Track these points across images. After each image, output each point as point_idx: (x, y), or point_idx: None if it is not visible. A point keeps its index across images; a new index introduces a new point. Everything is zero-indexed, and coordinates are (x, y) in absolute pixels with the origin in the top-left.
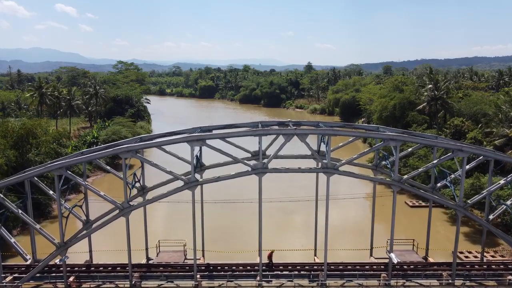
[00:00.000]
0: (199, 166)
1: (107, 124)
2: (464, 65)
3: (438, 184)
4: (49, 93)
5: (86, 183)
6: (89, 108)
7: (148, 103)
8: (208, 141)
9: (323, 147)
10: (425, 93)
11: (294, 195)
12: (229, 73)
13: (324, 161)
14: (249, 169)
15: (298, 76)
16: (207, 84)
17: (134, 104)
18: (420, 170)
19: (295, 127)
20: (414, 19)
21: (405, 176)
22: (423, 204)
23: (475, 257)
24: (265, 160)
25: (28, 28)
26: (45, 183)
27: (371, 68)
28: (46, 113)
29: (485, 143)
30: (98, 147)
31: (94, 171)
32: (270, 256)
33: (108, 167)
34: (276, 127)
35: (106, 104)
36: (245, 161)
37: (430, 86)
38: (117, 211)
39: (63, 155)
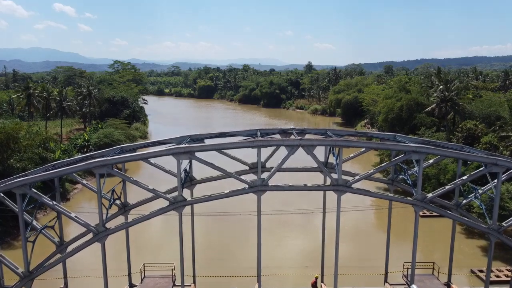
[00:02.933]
0: (188, 180)
1: (100, 126)
2: (464, 65)
3: (464, 201)
4: (37, 93)
5: (55, 204)
6: (83, 109)
7: (145, 103)
8: (198, 154)
9: (331, 158)
10: (434, 94)
11: (296, 205)
12: (228, 72)
13: (334, 176)
14: (246, 186)
15: (298, 76)
16: (206, 84)
17: (129, 105)
18: (447, 187)
19: (300, 138)
20: (413, 19)
21: (430, 195)
22: (434, 213)
23: (497, 276)
24: (265, 176)
25: (27, 28)
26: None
27: (371, 68)
28: (39, 114)
29: (501, 148)
30: (73, 158)
31: (85, 175)
32: (314, 285)
33: (83, 181)
34: (278, 136)
35: (101, 105)
36: (242, 177)
37: (441, 87)
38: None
39: (50, 161)
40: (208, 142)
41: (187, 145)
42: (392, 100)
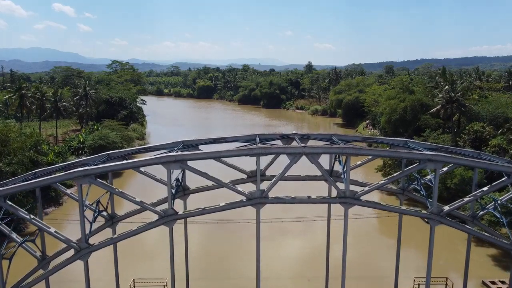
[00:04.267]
0: (181, 190)
1: (95, 127)
2: (464, 65)
3: (481, 212)
4: (29, 94)
5: (32, 218)
6: (80, 110)
7: (144, 104)
8: (190, 163)
9: (337, 166)
10: (440, 95)
11: (297, 211)
12: (228, 73)
13: (341, 186)
14: (244, 198)
15: (298, 76)
16: (205, 84)
17: (127, 106)
18: (466, 199)
19: (303, 145)
20: (413, 19)
21: (446, 207)
22: None
23: None
24: (265, 185)
25: (26, 28)
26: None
27: (371, 68)
28: (35, 115)
29: (511, 151)
30: (55, 166)
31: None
32: None
33: (66, 191)
34: (279, 142)
35: (98, 106)
36: (240, 187)
37: (447, 87)
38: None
39: (42, 164)
40: (203, 148)
41: (178, 153)
42: (396, 101)
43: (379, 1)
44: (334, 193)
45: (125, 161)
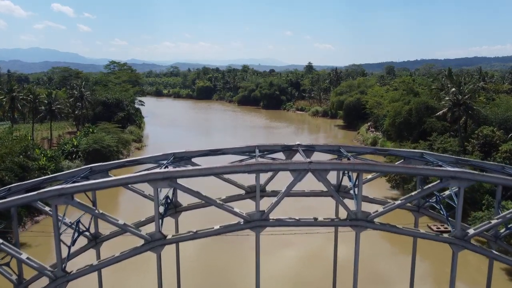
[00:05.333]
0: (172, 207)
1: (91, 130)
2: (465, 65)
3: (505, 231)
4: (21, 96)
5: (1, 242)
6: (76, 112)
7: (142, 105)
8: (180, 180)
9: (345, 180)
10: (446, 98)
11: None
12: (228, 73)
13: (350, 204)
14: (242, 221)
15: (298, 77)
16: (204, 84)
17: (124, 108)
18: (494, 222)
19: (309, 160)
20: (413, 19)
21: (471, 231)
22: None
23: None
24: (265, 202)
25: (25, 28)
26: None
27: (371, 68)
28: (29, 117)
29: None
30: (33, 180)
31: None
32: None
33: (45, 208)
34: (280, 153)
35: (94, 107)
36: (237, 203)
37: (454, 89)
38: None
39: (32, 170)
40: (196, 160)
41: (167, 169)
42: (400, 103)
43: (378, 2)
44: (342, 212)
45: (107, 179)
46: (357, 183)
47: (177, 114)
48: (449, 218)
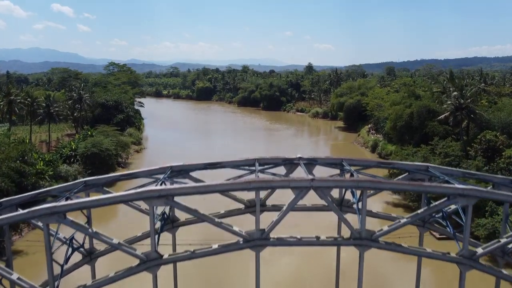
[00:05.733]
0: (169, 222)
1: (90, 133)
2: (464, 66)
3: (510, 246)
4: (19, 100)
5: None
6: (75, 114)
7: (142, 106)
8: (177, 198)
9: (348, 194)
10: (448, 101)
11: (301, 230)
12: (227, 74)
13: (353, 221)
14: (241, 240)
15: (298, 78)
16: (204, 85)
17: (123, 110)
18: (503, 241)
19: (311, 178)
20: (413, 19)
21: (480, 250)
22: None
23: None
24: (265, 217)
25: (25, 28)
26: None
27: (371, 68)
28: (27, 120)
29: None
30: (26, 194)
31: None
32: None
33: (39, 223)
34: (281, 167)
35: (93, 110)
36: (235, 228)
37: (456, 93)
38: None
39: (29, 175)
40: (194, 174)
41: (162, 186)
42: (401, 107)
43: (378, 2)
44: (345, 227)
45: (101, 197)
46: (361, 200)
47: (177, 115)
48: (457, 234)
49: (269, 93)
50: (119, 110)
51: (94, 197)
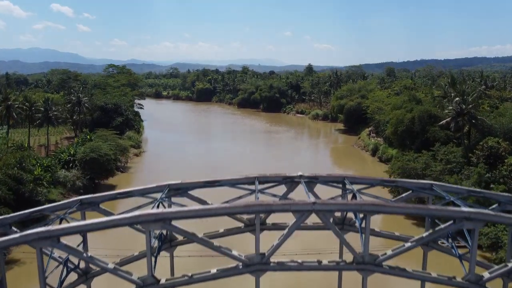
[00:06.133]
0: (167, 241)
1: (88, 137)
2: (464, 66)
3: None
4: (17, 105)
5: None
6: (74, 117)
7: (141, 108)
8: (175, 222)
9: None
10: (450, 107)
11: (305, 239)
12: (227, 75)
13: (357, 247)
14: (240, 265)
15: (298, 79)
16: (204, 86)
17: (123, 113)
18: (510, 266)
19: (312, 201)
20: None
21: (486, 274)
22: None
23: None
24: (265, 236)
25: (25, 28)
26: None
27: (371, 68)
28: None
29: None
30: (19, 213)
31: (69, 194)
32: None
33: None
34: (282, 186)
35: (92, 113)
36: (235, 253)
37: (457, 99)
38: None
39: (27, 183)
40: (193, 193)
41: (160, 210)
42: (402, 111)
43: (378, 2)
44: (348, 256)
45: (96, 220)
46: (363, 223)
47: (177, 117)
48: (464, 253)
49: (269, 94)
50: (118, 113)
51: (89, 220)
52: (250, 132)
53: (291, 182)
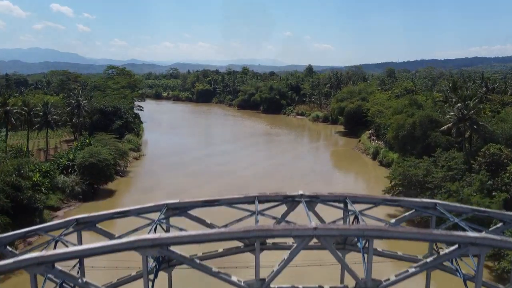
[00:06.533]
0: (165, 261)
1: (88, 141)
2: (464, 66)
3: None
4: (15, 110)
5: None
6: (73, 120)
7: (141, 110)
8: (173, 247)
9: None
10: (451, 113)
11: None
12: (227, 76)
13: (360, 272)
14: None
15: (299, 81)
16: (204, 88)
17: (122, 116)
18: None
19: (314, 226)
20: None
21: None
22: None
23: None
24: (265, 256)
25: (25, 28)
26: None
27: (371, 68)
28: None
29: None
30: (14, 232)
31: (68, 200)
32: None
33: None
34: (283, 206)
35: (91, 116)
36: (234, 279)
37: (459, 104)
38: None
39: (25, 190)
40: (192, 212)
41: (157, 235)
42: (403, 116)
43: (378, 2)
44: (350, 280)
45: (91, 246)
46: (366, 249)
47: (177, 119)
48: (467, 279)
49: (269, 96)
50: (117, 116)
51: (84, 246)
52: (250, 134)
53: (291, 201)
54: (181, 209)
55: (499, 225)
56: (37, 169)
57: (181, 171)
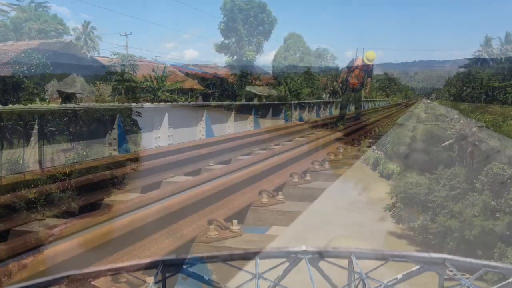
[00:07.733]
0: None
1: (84, 153)
2: (463, 67)
3: None
4: (10, 125)
5: None
6: (70, 129)
7: (139, 116)
8: None
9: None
10: (453, 129)
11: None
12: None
13: None
14: None
15: (298, 87)
16: (202, 91)
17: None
18: None
19: None
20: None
21: None
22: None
23: None
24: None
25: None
26: None
27: None
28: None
29: None
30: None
31: (64, 217)
32: None
33: None
34: (285, 263)
35: (89, 125)
36: None
37: (462, 121)
38: None
39: (20, 209)
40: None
41: None
42: (403, 129)
43: (377, 2)
44: None
45: None
46: None
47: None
48: None
49: (268, 100)
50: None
51: None
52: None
53: (294, 257)
54: (177, 266)
55: (510, 280)
56: (32, 185)
57: (181, 177)
